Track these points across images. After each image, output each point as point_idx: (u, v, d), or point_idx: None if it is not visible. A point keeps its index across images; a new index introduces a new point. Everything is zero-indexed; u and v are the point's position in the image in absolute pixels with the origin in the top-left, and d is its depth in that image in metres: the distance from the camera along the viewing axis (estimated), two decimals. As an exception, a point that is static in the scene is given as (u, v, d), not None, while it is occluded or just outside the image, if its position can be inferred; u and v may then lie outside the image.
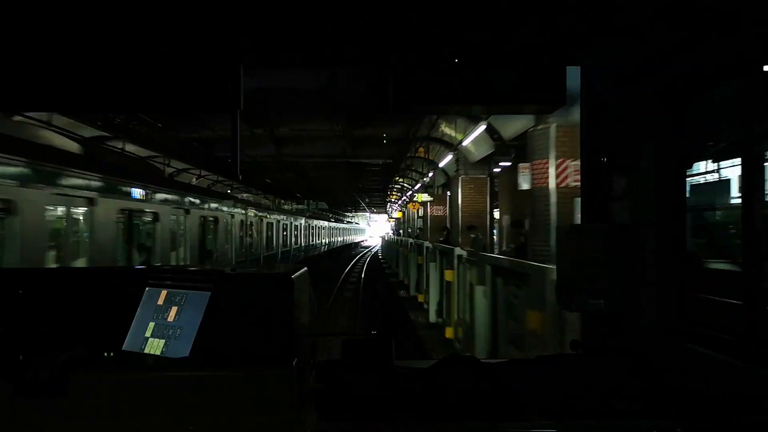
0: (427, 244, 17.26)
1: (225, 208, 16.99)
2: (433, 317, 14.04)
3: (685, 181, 2.29)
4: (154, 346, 1.98)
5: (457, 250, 11.52)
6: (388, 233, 61.71)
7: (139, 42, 2.60)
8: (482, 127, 13.72)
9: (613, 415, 2.02)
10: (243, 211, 19.75)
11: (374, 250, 66.01)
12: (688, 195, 2.41)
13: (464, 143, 16.13)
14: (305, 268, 2.22)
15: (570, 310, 3.31)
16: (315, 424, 1.92)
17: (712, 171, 4.73)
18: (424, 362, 2.30)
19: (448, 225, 23.52)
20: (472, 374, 2.16)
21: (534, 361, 2.51)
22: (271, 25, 2.51)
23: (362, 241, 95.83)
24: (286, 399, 1.78)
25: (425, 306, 15.74)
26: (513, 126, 13.43)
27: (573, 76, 2.69)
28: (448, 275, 11.90)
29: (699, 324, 2.18)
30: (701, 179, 4.70)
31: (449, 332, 11.31)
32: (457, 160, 19.02)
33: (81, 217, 9.19)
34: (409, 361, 2.42)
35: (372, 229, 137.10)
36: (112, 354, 1.97)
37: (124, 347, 2.01)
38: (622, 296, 2.45)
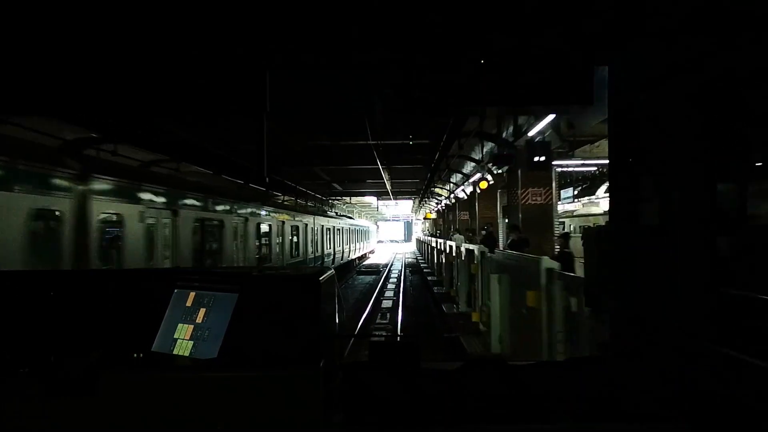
0: (481, 248, 12.84)
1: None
2: (496, 347, 10.28)
3: (716, 184, 2.25)
4: (183, 347, 2.00)
5: (546, 261, 7.42)
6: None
7: (164, 44, 2.63)
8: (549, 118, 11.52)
9: (640, 419, 1.99)
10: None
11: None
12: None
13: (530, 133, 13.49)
14: (332, 270, 2.23)
15: (598, 311, 3.27)
16: (341, 426, 1.92)
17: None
18: (450, 364, 2.29)
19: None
20: (498, 377, 2.14)
21: (562, 363, 2.49)
22: (296, 27, 2.53)
23: (363, 256, 48.64)
24: (312, 400, 1.79)
25: (481, 327, 11.97)
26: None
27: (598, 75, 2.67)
28: (531, 298, 7.71)
29: (730, 327, 2.14)
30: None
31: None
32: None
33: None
34: (436, 363, 2.42)
35: (386, 231, 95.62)
36: (141, 355, 2.00)
37: (153, 348, 2.03)
38: (651, 298, 2.41)
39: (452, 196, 32.16)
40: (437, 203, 43.45)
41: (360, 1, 2.34)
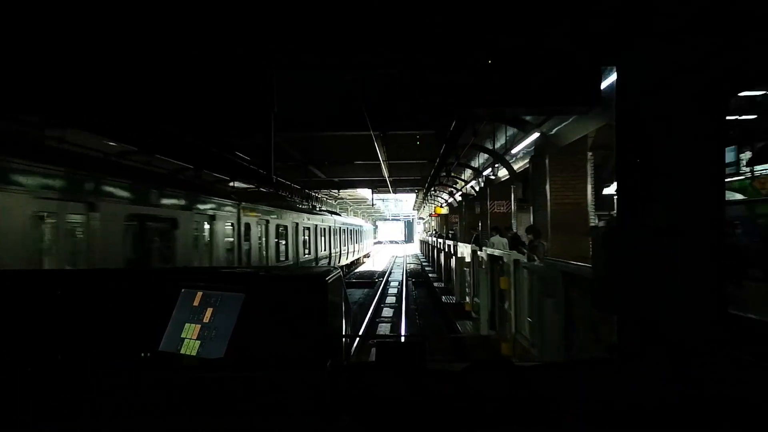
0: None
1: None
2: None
3: (724, 184, 2.25)
4: (190, 347, 2.01)
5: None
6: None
7: (167, 47, 2.64)
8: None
9: (647, 422, 1.98)
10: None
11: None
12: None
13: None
14: (339, 270, 2.24)
15: (606, 313, 3.26)
16: (348, 427, 1.93)
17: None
18: (457, 365, 2.29)
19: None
20: (506, 379, 2.14)
21: (569, 365, 2.48)
22: (298, 27, 2.54)
23: (355, 262, 41.41)
24: (319, 400, 1.79)
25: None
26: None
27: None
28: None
29: (739, 328, 2.13)
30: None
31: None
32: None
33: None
34: (442, 364, 2.42)
35: (385, 231, 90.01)
36: (149, 354, 2.01)
37: (160, 348, 2.04)
38: (658, 299, 2.40)
39: (480, 179, 21.74)
40: (451, 194, 31.87)
41: (363, 1, 2.34)
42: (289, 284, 2.14)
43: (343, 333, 2.20)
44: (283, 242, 19.22)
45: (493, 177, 19.79)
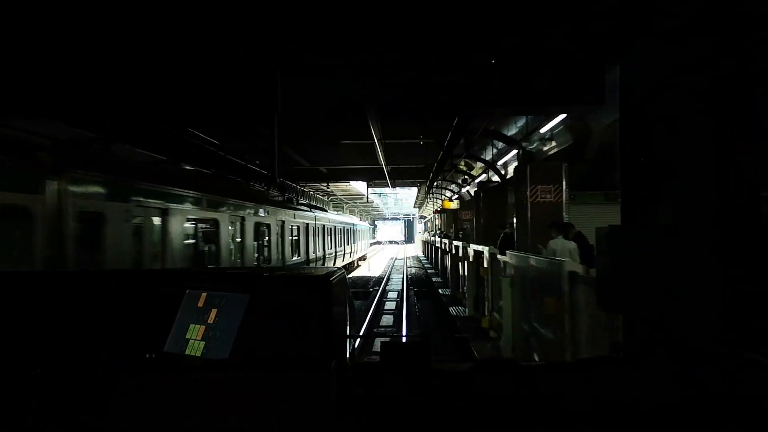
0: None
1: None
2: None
3: (727, 184, 2.25)
4: (195, 348, 2.01)
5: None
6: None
7: (173, 46, 2.64)
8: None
9: (654, 422, 1.98)
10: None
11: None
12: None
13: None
14: (343, 271, 2.24)
15: (611, 312, 3.25)
16: (353, 427, 1.93)
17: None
18: (461, 365, 2.29)
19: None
20: (510, 378, 2.14)
21: (574, 365, 2.48)
22: (302, 29, 2.54)
23: (349, 266, 34.89)
24: (324, 401, 1.80)
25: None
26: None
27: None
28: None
29: (743, 327, 2.13)
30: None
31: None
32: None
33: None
34: (447, 364, 2.42)
35: (385, 231, 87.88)
36: (154, 355, 2.02)
37: (165, 349, 2.05)
38: (663, 298, 2.40)
39: (518, 153, 15.39)
40: (464, 182, 25.37)
41: (365, 2, 2.35)
42: (294, 285, 2.15)
43: (348, 333, 2.21)
44: (225, 244, 12.85)
45: (542, 146, 13.07)
